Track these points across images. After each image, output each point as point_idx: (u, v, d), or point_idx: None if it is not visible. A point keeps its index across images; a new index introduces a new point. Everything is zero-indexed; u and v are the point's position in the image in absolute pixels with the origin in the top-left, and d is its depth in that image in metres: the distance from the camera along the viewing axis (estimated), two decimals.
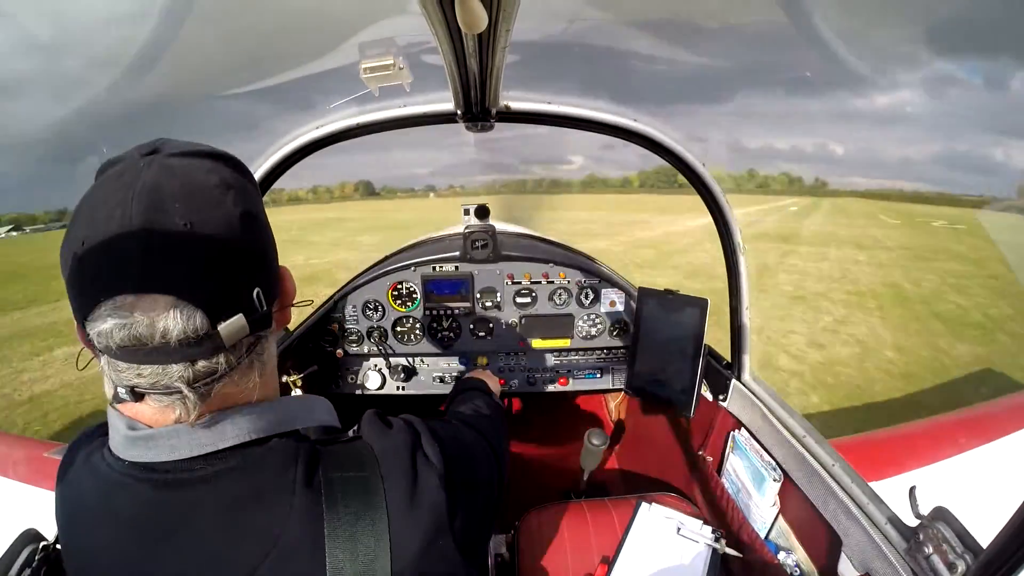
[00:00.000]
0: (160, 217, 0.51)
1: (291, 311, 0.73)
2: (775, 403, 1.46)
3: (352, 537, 0.57)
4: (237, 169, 0.63)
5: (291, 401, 0.69)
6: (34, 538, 0.87)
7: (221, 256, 0.54)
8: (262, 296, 0.58)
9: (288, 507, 0.56)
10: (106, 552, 0.58)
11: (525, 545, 1.55)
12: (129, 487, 0.57)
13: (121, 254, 0.50)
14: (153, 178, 0.53)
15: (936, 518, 0.92)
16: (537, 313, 2.09)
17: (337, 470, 0.61)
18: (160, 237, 0.50)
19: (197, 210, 0.53)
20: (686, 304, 1.75)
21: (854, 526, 1.09)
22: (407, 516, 0.60)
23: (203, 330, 0.52)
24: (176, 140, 0.61)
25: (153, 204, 0.51)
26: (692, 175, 1.53)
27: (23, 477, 1.86)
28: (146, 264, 0.50)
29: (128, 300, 0.50)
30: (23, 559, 0.84)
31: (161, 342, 0.51)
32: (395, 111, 1.41)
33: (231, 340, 0.55)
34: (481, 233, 1.98)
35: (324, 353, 2.10)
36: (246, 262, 0.57)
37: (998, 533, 0.72)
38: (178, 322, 0.51)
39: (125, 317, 0.50)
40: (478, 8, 0.63)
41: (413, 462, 0.65)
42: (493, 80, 1.04)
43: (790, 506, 1.35)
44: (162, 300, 0.51)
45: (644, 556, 1.46)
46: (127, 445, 0.57)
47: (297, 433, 0.65)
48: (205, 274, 0.53)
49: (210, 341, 0.54)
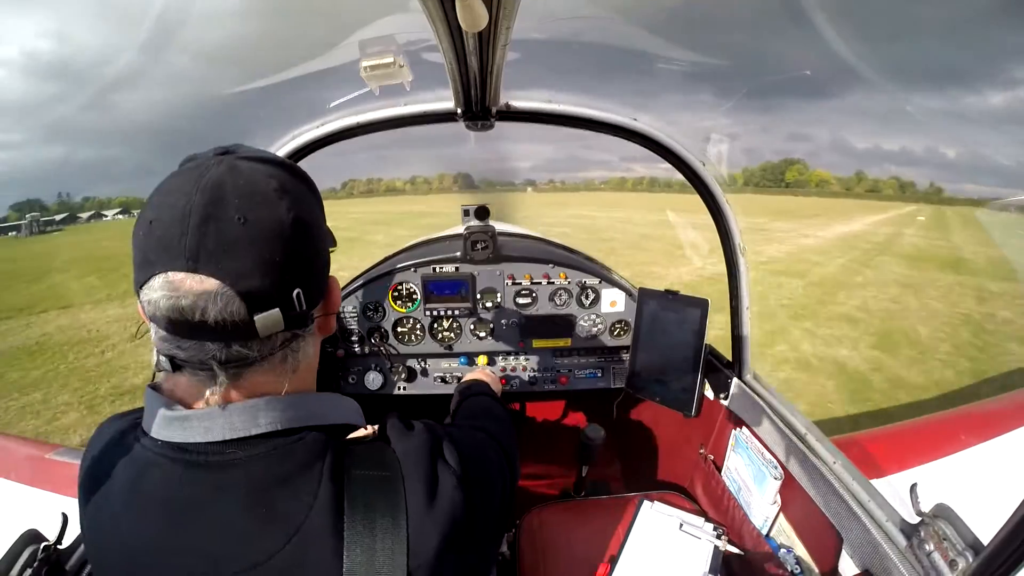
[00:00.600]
0: (218, 209, 0.56)
1: (333, 320, 0.76)
2: (776, 401, 1.46)
3: (371, 534, 0.59)
4: (299, 178, 0.67)
5: (324, 397, 0.72)
6: (35, 539, 0.88)
7: (268, 253, 0.58)
8: (303, 297, 0.61)
9: (312, 497, 0.58)
10: (133, 528, 0.60)
11: (526, 544, 1.55)
12: (162, 466, 0.59)
13: (180, 236, 0.55)
14: (219, 175, 0.58)
15: (937, 515, 0.92)
16: (537, 313, 2.09)
17: (361, 468, 0.63)
18: (215, 226, 0.55)
19: (252, 208, 0.57)
20: (687, 304, 1.75)
21: (855, 523, 1.09)
22: (425, 516, 0.62)
23: (240, 317, 0.56)
24: (250, 146, 0.67)
25: (215, 198, 0.56)
26: (692, 175, 1.53)
27: (25, 479, 1.86)
28: (199, 248, 0.54)
29: (179, 277, 0.55)
30: (24, 560, 0.84)
31: (200, 320, 0.55)
32: (395, 110, 1.41)
33: (265, 331, 0.58)
34: (481, 234, 1.98)
35: (325, 353, 2.10)
36: (291, 262, 0.60)
37: (999, 530, 0.72)
38: (218, 305, 0.55)
39: (173, 291, 0.55)
40: (479, 6, 0.63)
41: (433, 464, 0.67)
42: (493, 79, 1.04)
43: (791, 504, 1.35)
44: (208, 282, 0.55)
45: (646, 554, 1.46)
46: (162, 425, 0.60)
47: (327, 429, 0.67)
48: (251, 266, 0.57)
49: (245, 328, 0.57)
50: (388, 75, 1.06)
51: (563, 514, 1.63)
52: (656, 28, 1.24)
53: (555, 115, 1.44)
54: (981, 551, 0.79)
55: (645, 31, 1.26)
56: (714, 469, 1.69)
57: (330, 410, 0.70)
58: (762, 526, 1.42)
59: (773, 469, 1.38)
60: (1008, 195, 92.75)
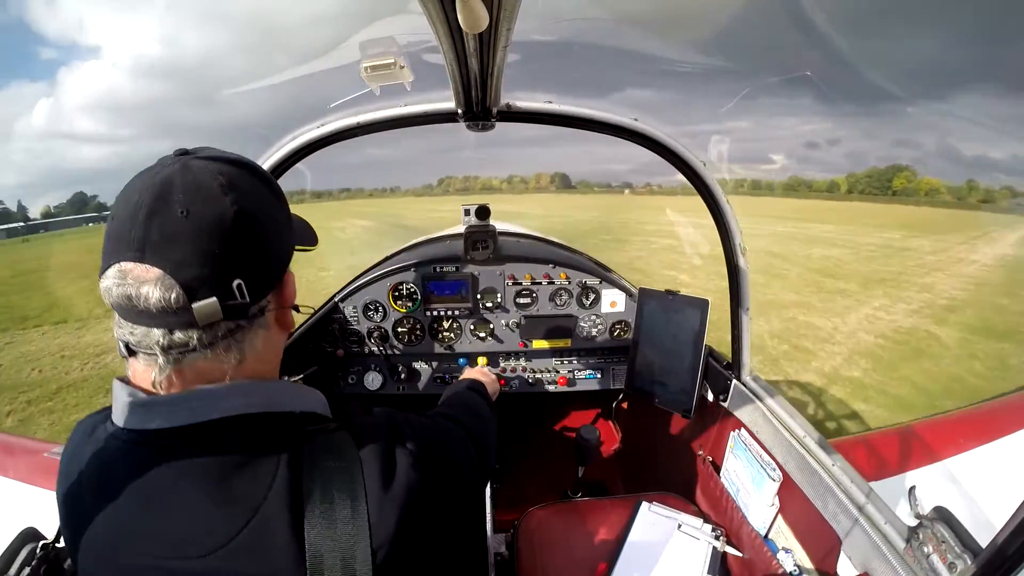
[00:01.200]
0: (164, 204, 0.60)
1: (291, 315, 0.78)
2: (775, 403, 1.46)
3: (331, 514, 0.61)
4: (256, 176, 0.70)
5: (288, 387, 0.74)
6: (33, 537, 0.87)
7: (208, 244, 0.61)
8: (244, 288, 0.63)
9: (271, 479, 0.61)
10: (102, 515, 0.62)
11: (525, 544, 1.55)
12: (128, 454, 0.62)
13: (130, 229, 0.59)
14: (171, 173, 0.62)
15: (936, 518, 0.92)
16: (538, 314, 2.09)
17: (319, 452, 0.65)
18: (160, 219, 0.59)
19: (195, 202, 0.61)
20: (687, 305, 1.75)
21: (854, 526, 1.10)
22: (384, 497, 0.65)
23: (179, 304, 0.59)
24: (215, 149, 0.71)
25: (162, 193, 0.60)
26: (693, 176, 1.53)
27: (22, 476, 1.86)
28: (145, 239, 0.59)
29: (127, 266, 0.59)
30: (22, 558, 0.84)
31: (145, 306, 0.59)
32: (396, 110, 1.41)
33: (204, 319, 0.61)
34: (482, 234, 1.98)
35: (325, 353, 2.10)
36: (231, 254, 0.63)
37: (998, 533, 0.72)
38: (157, 292, 0.59)
39: (122, 279, 0.59)
40: (479, 8, 0.63)
41: (389, 446, 0.70)
42: (494, 79, 1.04)
43: (790, 506, 1.35)
44: (152, 271, 0.59)
45: (644, 555, 1.46)
46: (127, 413, 0.63)
47: (288, 416, 0.69)
48: (191, 256, 0.60)
49: (185, 315, 0.60)
50: (389, 76, 1.06)
51: (561, 515, 1.63)
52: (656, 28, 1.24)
53: (556, 115, 1.44)
54: (980, 554, 0.79)
55: (645, 32, 1.26)
56: (713, 470, 1.69)
57: (292, 399, 0.71)
58: (760, 528, 1.42)
59: (772, 471, 1.38)
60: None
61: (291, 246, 0.75)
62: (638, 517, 1.57)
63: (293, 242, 0.76)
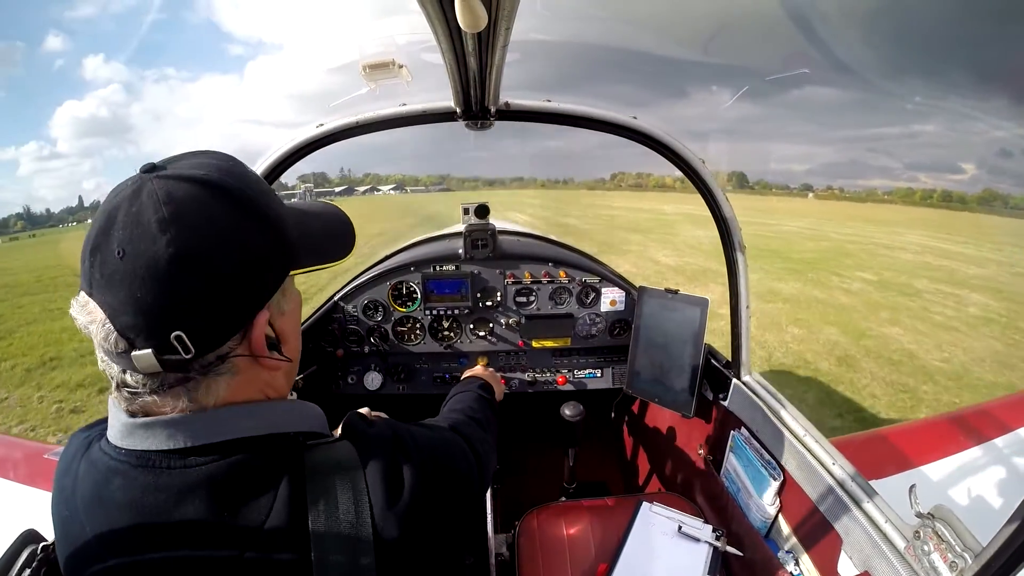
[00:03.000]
0: (106, 239, 0.56)
1: (290, 350, 0.71)
2: (775, 402, 1.46)
3: (335, 530, 0.60)
4: (224, 197, 0.59)
5: (288, 406, 0.72)
6: (34, 539, 0.87)
7: (140, 291, 0.54)
8: (185, 340, 0.56)
9: (272, 499, 0.59)
10: (99, 537, 0.60)
11: (525, 545, 1.55)
12: (124, 474, 0.60)
13: (83, 260, 0.58)
14: (120, 202, 0.57)
15: (936, 516, 0.92)
16: (537, 313, 2.09)
17: (322, 467, 0.64)
18: (100, 257, 0.56)
19: (131, 241, 0.55)
20: (686, 303, 1.75)
21: (854, 524, 1.09)
22: (388, 511, 0.64)
23: (119, 350, 0.57)
24: (194, 158, 0.63)
25: (106, 226, 0.56)
26: (692, 174, 1.53)
27: (23, 478, 1.86)
28: (91, 276, 0.56)
29: (83, 298, 0.58)
30: (23, 560, 0.84)
31: (96, 341, 0.58)
32: (395, 109, 1.41)
33: (145, 370, 0.57)
34: (481, 232, 1.98)
35: (324, 353, 2.10)
36: (167, 303, 0.55)
37: (998, 531, 0.72)
38: (101, 333, 0.57)
39: (79, 309, 0.59)
40: (478, 7, 0.63)
41: (393, 459, 0.69)
42: (493, 79, 1.04)
43: (790, 505, 1.35)
44: (97, 312, 0.57)
45: (645, 555, 1.46)
46: (125, 433, 0.61)
47: (288, 436, 0.68)
48: (124, 302, 0.55)
49: (127, 361, 0.57)
50: (387, 75, 1.06)
51: (562, 515, 1.63)
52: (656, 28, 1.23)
53: (555, 114, 1.44)
54: (980, 552, 0.79)
55: (645, 31, 1.26)
56: (713, 470, 1.69)
57: (293, 419, 0.69)
58: (761, 527, 1.42)
59: (772, 470, 1.38)
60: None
61: (271, 278, 0.65)
62: (639, 517, 1.57)
63: (287, 265, 0.67)
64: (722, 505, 1.61)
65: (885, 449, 1.97)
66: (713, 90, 63.49)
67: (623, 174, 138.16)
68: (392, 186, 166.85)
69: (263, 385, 0.69)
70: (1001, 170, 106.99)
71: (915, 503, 0.95)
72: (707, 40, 1.92)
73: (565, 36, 1.24)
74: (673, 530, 1.50)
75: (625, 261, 12.88)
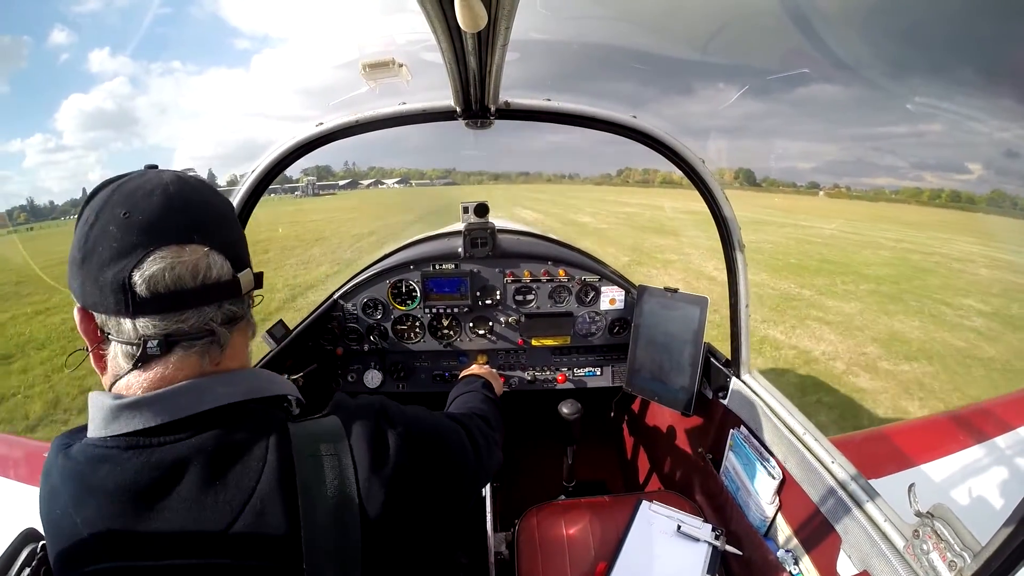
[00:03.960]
0: (191, 193, 0.67)
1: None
2: (774, 401, 1.46)
3: (322, 494, 0.62)
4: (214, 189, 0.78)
5: (261, 373, 0.76)
6: (33, 537, 0.87)
7: (232, 225, 0.72)
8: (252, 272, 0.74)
9: (262, 463, 0.62)
10: (92, 526, 0.60)
11: (525, 543, 1.55)
12: (113, 458, 0.61)
13: (166, 216, 0.64)
14: (170, 176, 0.68)
15: (935, 515, 0.92)
16: (537, 311, 2.09)
17: (309, 435, 0.67)
18: (195, 205, 0.67)
19: (214, 196, 0.71)
20: (686, 302, 1.75)
21: (853, 523, 1.10)
22: (372, 475, 0.66)
23: (228, 275, 0.68)
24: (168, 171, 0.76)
25: (183, 188, 0.67)
26: (691, 172, 1.53)
27: (22, 477, 1.86)
28: (186, 223, 0.65)
29: (173, 249, 0.63)
30: (23, 559, 0.84)
31: (200, 284, 0.64)
32: (394, 108, 1.41)
33: (245, 288, 0.71)
34: (481, 231, 1.98)
35: (324, 351, 2.10)
36: (241, 237, 0.74)
37: (997, 531, 0.72)
38: (212, 265, 0.66)
39: (176, 258, 0.63)
40: (478, 7, 0.63)
41: (378, 426, 0.72)
42: (493, 78, 1.04)
43: (789, 504, 1.36)
44: (200, 249, 0.65)
45: (644, 554, 1.46)
46: (110, 419, 0.62)
47: (268, 400, 0.71)
48: (226, 235, 0.69)
49: (233, 286, 0.69)
50: (387, 74, 1.06)
51: (561, 514, 1.63)
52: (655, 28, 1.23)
53: (555, 113, 1.43)
54: (979, 552, 0.79)
55: (644, 31, 1.26)
56: (712, 469, 1.69)
57: (265, 384, 0.73)
58: (760, 526, 1.42)
59: (772, 469, 1.38)
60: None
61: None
62: (638, 516, 1.57)
63: None
64: (721, 504, 1.61)
65: (884, 448, 1.97)
66: (720, 87, 62.34)
67: (630, 170, 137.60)
68: (397, 180, 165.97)
69: (248, 345, 0.79)
70: (1007, 172, 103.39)
71: (914, 502, 0.95)
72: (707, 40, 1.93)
73: (565, 35, 1.24)
74: (672, 529, 1.51)
75: (670, 274, 10.93)
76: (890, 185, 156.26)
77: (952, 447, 1.89)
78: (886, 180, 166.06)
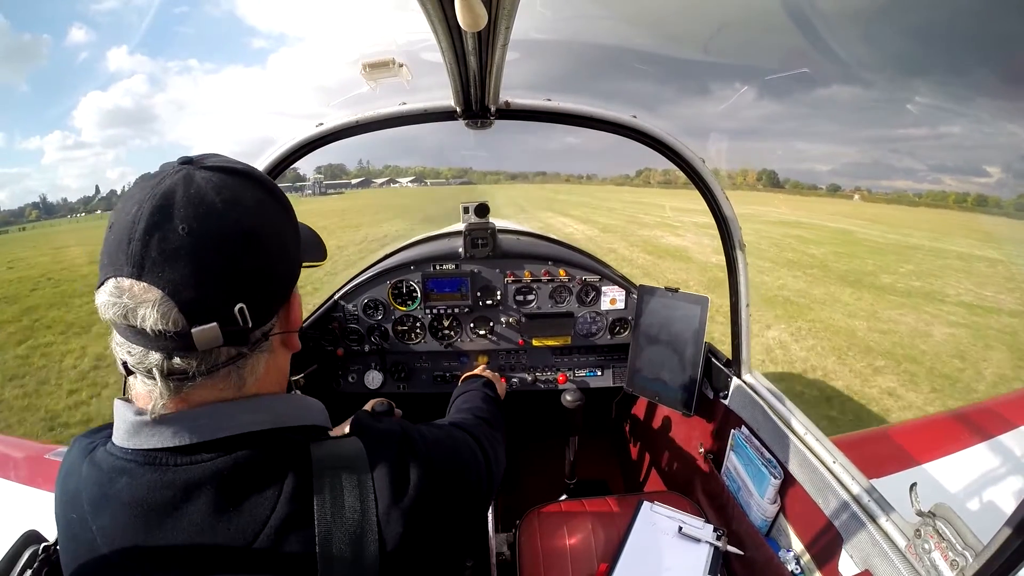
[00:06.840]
0: (164, 219, 0.56)
1: (297, 337, 0.75)
2: (776, 400, 1.46)
3: (340, 524, 0.60)
4: (264, 189, 0.66)
5: (289, 400, 0.72)
6: (35, 539, 0.87)
7: (209, 264, 0.57)
8: (247, 313, 0.60)
9: (278, 492, 0.60)
10: (106, 535, 0.60)
11: (526, 544, 1.55)
12: (130, 472, 0.60)
13: (128, 242, 0.56)
14: (172, 185, 0.58)
15: (937, 515, 0.92)
16: (538, 311, 2.09)
17: (328, 460, 0.64)
18: (159, 235, 0.56)
19: (197, 218, 0.57)
20: (687, 302, 1.75)
21: (855, 523, 1.09)
22: (393, 506, 0.64)
23: (178, 328, 0.57)
24: (222, 156, 0.67)
25: (163, 206, 0.57)
26: (691, 172, 1.53)
27: (24, 479, 1.86)
28: (144, 256, 0.55)
29: (125, 283, 0.56)
30: (24, 560, 0.84)
31: (141, 327, 0.56)
32: (395, 108, 1.41)
33: (203, 345, 0.58)
34: (481, 231, 1.98)
35: (325, 352, 2.10)
36: (234, 276, 0.60)
37: (999, 530, 0.72)
38: (155, 314, 0.55)
39: (118, 295, 0.56)
40: (478, 7, 0.63)
41: (400, 457, 0.69)
42: (493, 78, 1.04)
43: (791, 503, 1.35)
44: (150, 291, 0.56)
45: (645, 554, 1.46)
46: (132, 433, 0.61)
47: (294, 430, 0.68)
48: (190, 277, 0.56)
49: (183, 339, 0.57)
50: (387, 74, 1.06)
51: (563, 515, 1.63)
52: (656, 28, 1.23)
53: (555, 113, 1.43)
54: (981, 551, 0.79)
55: (644, 30, 1.26)
56: (713, 469, 1.69)
57: (295, 413, 0.70)
58: (762, 526, 1.42)
59: (773, 469, 1.38)
60: None
61: (298, 264, 0.72)
62: (639, 517, 1.57)
63: (300, 259, 0.73)
64: (723, 504, 1.61)
65: (886, 447, 1.97)
66: (727, 87, 61.43)
67: (650, 170, 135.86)
68: (411, 179, 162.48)
69: (283, 365, 0.73)
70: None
71: (916, 501, 0.95)
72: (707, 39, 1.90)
73: (565, 35, 1.24)
74: (674, 530, 1.50)
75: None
76: (908, 188, 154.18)
77: (954, 446, 1.89)
78: (904, 183, 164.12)
